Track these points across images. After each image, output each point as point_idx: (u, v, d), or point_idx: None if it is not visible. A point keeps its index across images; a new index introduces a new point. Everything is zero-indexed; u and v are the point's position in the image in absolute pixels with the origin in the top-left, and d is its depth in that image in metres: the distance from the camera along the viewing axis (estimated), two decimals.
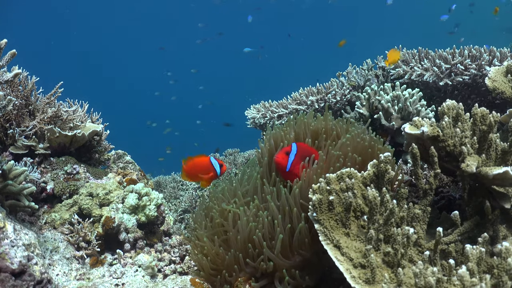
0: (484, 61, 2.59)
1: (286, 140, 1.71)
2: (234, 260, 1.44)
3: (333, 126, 1.76)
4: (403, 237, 1.10)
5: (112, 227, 2.18)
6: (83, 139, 2.49)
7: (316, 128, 1.77)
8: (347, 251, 1.12)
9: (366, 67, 3.07)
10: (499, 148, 1.23)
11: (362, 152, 1.57)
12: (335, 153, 1.51)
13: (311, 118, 1.83)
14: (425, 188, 1.26)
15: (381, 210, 1.17)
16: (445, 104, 1.34)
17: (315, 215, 1.20)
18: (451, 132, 1.27)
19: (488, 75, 2.09)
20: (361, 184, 1.30)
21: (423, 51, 2.90)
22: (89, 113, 2.77)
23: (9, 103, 1.62)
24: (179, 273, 2.16)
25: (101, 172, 2.49)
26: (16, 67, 2.05)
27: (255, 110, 3.43)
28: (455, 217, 1.20)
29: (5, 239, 1.46)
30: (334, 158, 1.51)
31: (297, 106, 3.10)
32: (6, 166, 1.72)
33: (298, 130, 1.76)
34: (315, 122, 1.80)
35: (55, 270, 1.90)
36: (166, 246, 2.34)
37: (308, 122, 1.79)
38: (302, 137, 1.75)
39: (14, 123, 2.27)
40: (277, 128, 1.80)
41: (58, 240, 2.05)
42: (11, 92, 2.27)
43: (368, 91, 2.49)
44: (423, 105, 2.32)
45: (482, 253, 1.00)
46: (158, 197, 2.40)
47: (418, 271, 0.96)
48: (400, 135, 2.34)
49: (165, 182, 4.53)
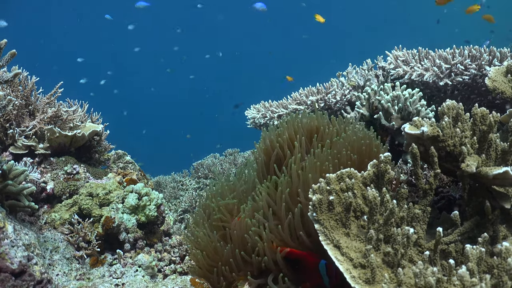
0: (484, 61, 2.59)
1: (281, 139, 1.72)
2: (232, 257, 1.45)
3: (328, 124, 1.77)
4: (403, 237, 1.10)
5: (112, 227, 2.18)
6: (83, 139, 2.49)
7: (310, 127, 1.78)
8: (347, 251, 1.12)
9: (366, 67, 3.07)
10: (499, 148, 1.23)
11: (359, 150, 1.57)
12: (328, 151, 1.52)
13: (305, 117, 1.83)
14: (425, 188, 1.26)
15: (381, 210, 1.17)
16: (445, 104, 1.34)
17: (315, 215, 1.20)
18: (451, 132, 1.27)
19: (488, 75, 2.09)
20: (361, 184, 1.30)
21: (423, 51, 2.90)
22: (89, 113, 2.78)
23: (9, 103, 1.63)
24: (179, 273, 2.16)
25: (101, 172, 2.49)
26: (16, 67, 2.05)
27: (255, 110, 3.43)
28: (455, 217, 1.20)
29: (5, 239, 1.46)
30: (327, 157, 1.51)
31: (297, 106, 3.10)
32: (6, 166, 1.72)
33: (290, 131, 1.76)
34: (309, 120, 1.80)
35: (55, 270, 1.90)
36: (166, 246, 2.34)
37: (301, 121, 1.79)
38: (296, 136, 1.75)
39: (14, 123, 2.27)
40: (272, 129, 1.81)
41: (58, 240, 2.05)
42: (11, 92, 2.27)
43: (368, 91, 2.49)
44: (423, 105, 2.32)
45: (482, 253, 1.00)
46: (158, 197, 2.40)
47: (418, 271, 0.96)
48: (400, 135, 2.34)
49: (165, 182, 4.54)
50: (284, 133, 1.75)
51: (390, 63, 2.90)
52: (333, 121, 1.80)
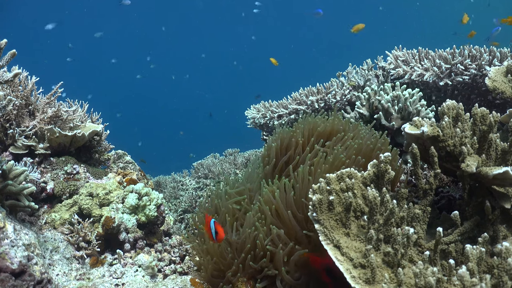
0: (484, 61, 2.59)
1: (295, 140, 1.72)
2: (235, 260, 1.45)
3: (340, 127, 1.77)
4: (403, 237, 1.10)
5: (112, 227, 2.18)
6: (83, 139, 2.49)
7: (325, 130, 1.78)
8: (347, 251, 1.11)
9: (366, 67, 3.07)
10: (499, 148, 1.23)
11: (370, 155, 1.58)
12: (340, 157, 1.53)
13: (320, 119, 1.83)
14: (425, 188, 1.25)
15: (381, 210, 1.17)
16: (445, 104, 1.34)
17: (315, 215, 1.20)
18: (451, 132, 1.27)
19: (488, 75, 2.09)
20: (361, 184, 1.30)
21: (423, 51, 2.90)
22: (89, 113, 2.78)
23: (9, 103, 1.63)
24: (179, 273, 2.15)
25: (101, 172, 2.49)
26: (16, 67, 2.05)
27: (255, 110, 3.43)
28: (455, 217, 1.20)
29: (5, 239, 1.46)
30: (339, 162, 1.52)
31: (297, 106, 3.10)
32: (6, 166, 1.72)
33: (305, 133, 1.77)
34: (324, 123, 1.81)
35: (55, 270, 1.90)
36: (166, 246, 2.34)
37: (316, 123, 1.79)
38: (309, 138, 1.76)
39: (14, 123, 2.27)
40: (286, 130, 1.81)
41: (58, 240, 2.05)
42: (11, 92, 2.27)
43: (368, 91, 2.49)
44: (423, 105, 2.32)
45: (482, 253, 1.00)
46: (158, 197, 2.40)
47: (418, 271, 0.96)
48: (400, 135, 2.34)
49: (165, 182, 4.53)
50: (299, 134, 1.75)
51: (390, 63, 2.90)
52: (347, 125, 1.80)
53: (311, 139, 1.72)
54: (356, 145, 1.59)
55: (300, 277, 1.37)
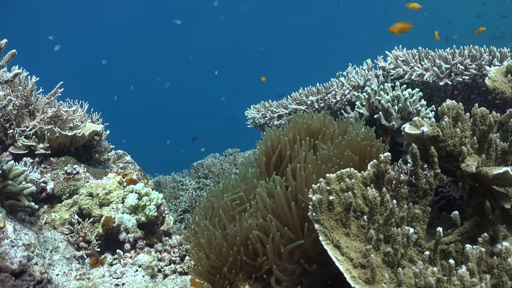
0: (484, 61, 2.59)
1: (283, 141, 1.72)
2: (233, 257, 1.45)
3: (330, 125, 1.77)
4: (403, 237, 1.10)
5: (112, 227, 2.18)
6: (83, 139, 2.49)
7: (314, 128, 1.78)
8: (347, 251, 1.11)
9: (366, 67, 3.07)
10: (499, 148, 1.23)
11: (360, 151, 1.58)
12: (329, 154, 1.52)
13: (310, 118, 1.84)
14: (425, 188, 1.25)
15: (381, 210, 1.17)
16: (445, 104, 1.34)
17: (315, 215, 1.20)
18: (451, 132, 1.27)
19: (488, 75, 2.09)
20: (361, 184, 1.30)
21: (423, 51, 2.90)
22: (89, 113, 2.78)
23: (9, 103, 1.63)
24: (179, 273, 2.16)
25: (101, 172, 2.49)
26: (16, 67, 2.05)
27: (255, 110, 3.43)
28: (455, 217, 1.20)
29: (5, 239, 1.46)
30: (328, 158, 1.52)
31: (297, 106, 3.10)
32: (6, 166, 1.72)
33: (294, 131, 1.77)
34: (311, 121, 1.81)
35: (55, 270, 1.90)
36: (166, 246, 2.34)
37: (305, 123, 1.80)
38: (299, 138, 1.76)
39: (14, 123, 2.27)
40: (274, 130, 1.81)
41: (58, 240, 2.05)
42: (11, 92, 2.27)
43: (368, 91, 2.49)
44: (423, 105, 2.32)
45: (482, 253, 1.00)
46: (158, 197, 2.40)
47: (418, 271, 0.96)
48: (400, 135, 2.34)
49: (165, 182, 4.53)
50: (287, 133, 1.75)
51: (390, 63, 2.90)
52: (336, 122, 1.80)
53: (302, 136, 1.72)
54: (344, 142, 1.59)
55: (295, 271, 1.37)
